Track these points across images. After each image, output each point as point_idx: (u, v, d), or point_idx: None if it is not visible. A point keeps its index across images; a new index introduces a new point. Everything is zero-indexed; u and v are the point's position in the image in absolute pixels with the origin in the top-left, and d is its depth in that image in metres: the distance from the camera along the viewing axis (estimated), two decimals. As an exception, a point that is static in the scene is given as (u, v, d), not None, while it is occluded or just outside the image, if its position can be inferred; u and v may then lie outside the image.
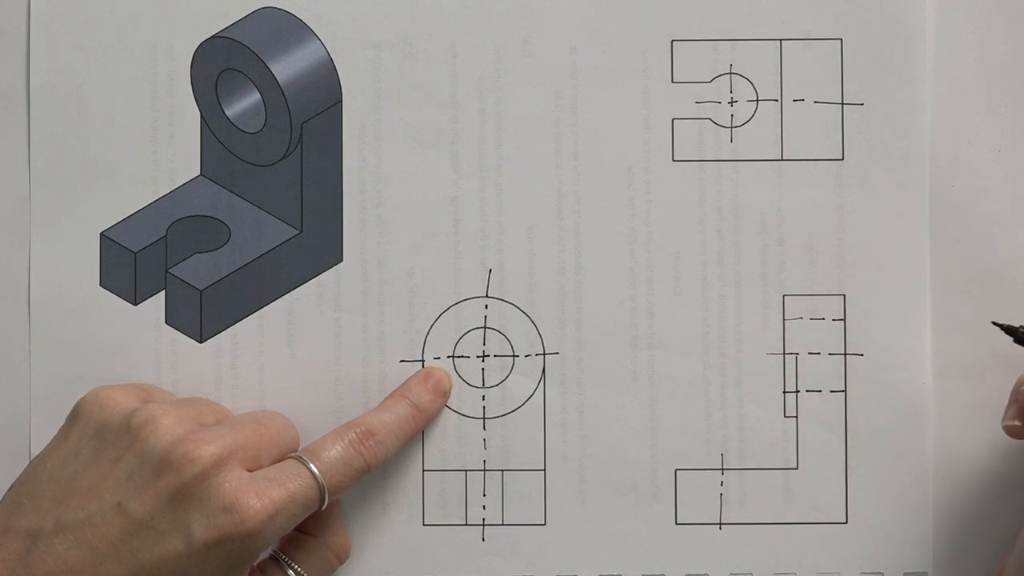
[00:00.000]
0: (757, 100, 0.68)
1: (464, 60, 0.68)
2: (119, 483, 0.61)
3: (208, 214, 0.68)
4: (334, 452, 0.64)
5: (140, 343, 0.68)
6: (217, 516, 0.60)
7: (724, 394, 0.68)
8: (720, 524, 0.68)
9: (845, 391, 0.68)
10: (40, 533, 0.61)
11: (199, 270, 0.68)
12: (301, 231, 0.68)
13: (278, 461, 0.63)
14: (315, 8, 0.68)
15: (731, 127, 0.68)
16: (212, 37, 0.68)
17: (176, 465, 0.60)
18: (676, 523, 0.68)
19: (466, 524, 0.68)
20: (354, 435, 0.64)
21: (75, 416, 0.63)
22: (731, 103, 0.68)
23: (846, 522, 0.68)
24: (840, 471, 0.68)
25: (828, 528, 0.68)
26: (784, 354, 0.68)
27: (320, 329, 0.68)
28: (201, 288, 0.68)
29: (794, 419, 0.68)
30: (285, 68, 0.68)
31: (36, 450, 0.67)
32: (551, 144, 0.68)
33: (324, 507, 0.63)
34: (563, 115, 0.68)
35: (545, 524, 0.68)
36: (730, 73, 0.68)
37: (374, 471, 0.65)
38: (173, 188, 0.68)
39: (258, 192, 0.68)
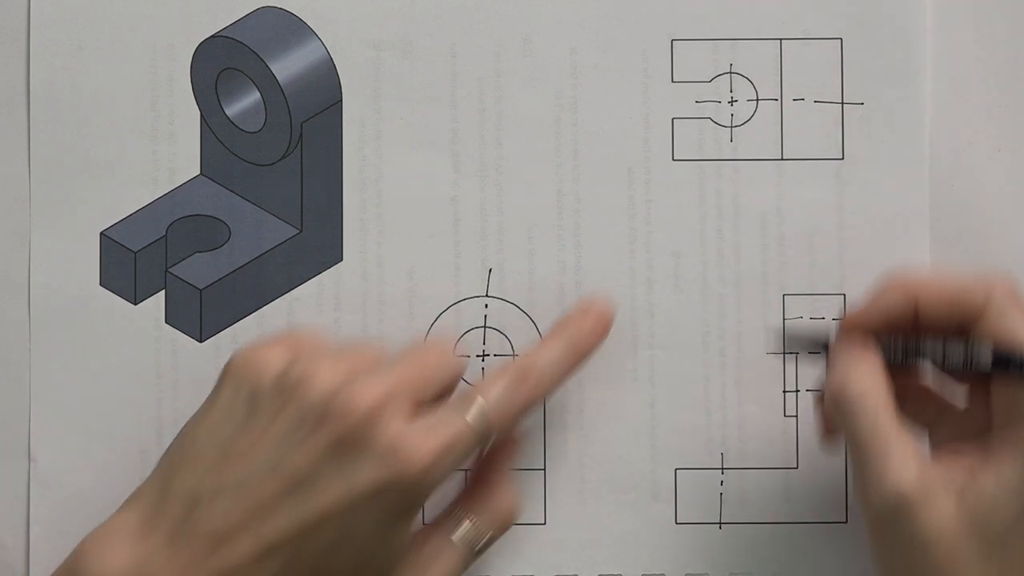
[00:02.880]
0: (757, 100, 0.68)
1: (464, 60, 0.68)
2: (277, 441, 0.60)
3: (208, 214, 0.68)
4: (496, 391, 0.62)
5: (140, 343, 0.68)
6: (380, 464, 0.59)
7: (724, 394, 0.68)
8: (720, 524, 0.68)
9: (845, 391, 0.68)
10: (199, 496, 0.60)
11: (199, 270, 0.68)
12: (301, 231, 0.68)
13: (442, 393, 0.62)
14: (315, 8, 0.68)
15: (731, 127, 0.68)
16: (212, 37, 0.68)
17: (334, 418, 0.59)
18: (676, 523, 0.68)
19: (466, 524, 0.68)
20: (515, 373, 0.63)
21: (225, 379, 0.62)
22: (731, 103, 0.68)
23: (846, 522, 0.68)
24: (840, 471, 0.68)
25: (828, 528, 0.68)
26: (784, 354, 0.68)
27: (320, 329, 0.68)
28: (201, 288, 0.68)
29: (794, 419, 0.68)
30: (285, 68, 0.68)
31: (36, 450, 0.67)
32: (551, 144, 0.68)
33: (487, 448, 0.62)
34: (563, 115, 0.68)
35: (545, 524, 0.68)
36: (730, 73, 0.68)
37: (536, 409, 0.64)
38: (173, 188, 0.68)
39: (258, 192, 0.68)
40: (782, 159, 0.68)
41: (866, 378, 0.61)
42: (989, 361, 0.59)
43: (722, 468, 0.68)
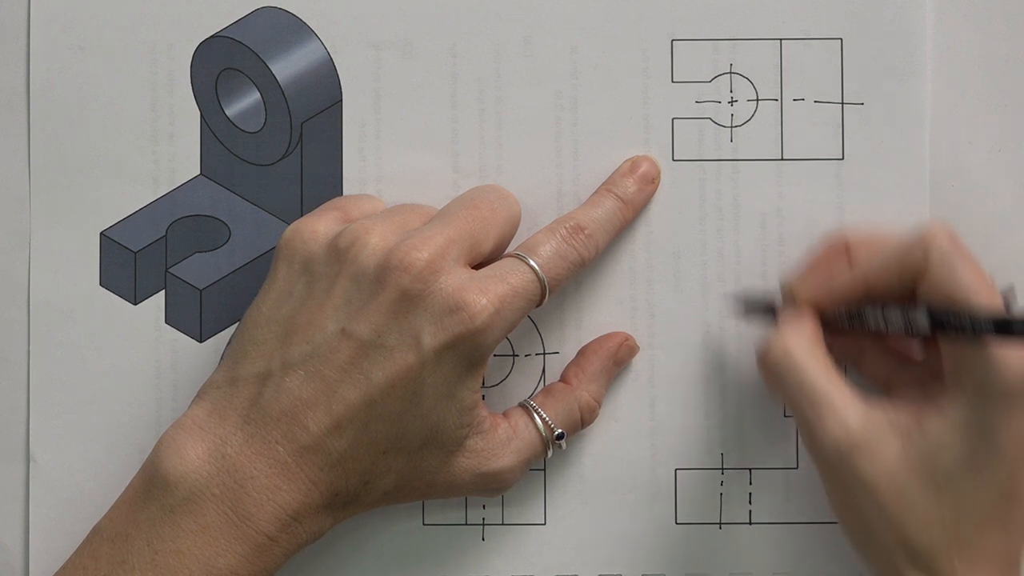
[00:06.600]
0: (757, 100, 0.68)
1: (464, 60, 0.68)
2: (338, 309, 0.60)
3: (208, 214, 0.68)
4: (549, 247, 0.63)
5: (140, 343, 0.68)
6: (443, 319, 0.59)
7: (724, 394, 0.68)
8: (720, 524, 0.68)
9: (845, 391, 0.68)
10: (268, 375, 0.60)
11: (199, 270, 0.68)
12: (301, 231, 0.68)
13: (502, 239, 0.63)
14: (315, 8, 0.68)
15: (731, 127, 0.68)
16: (212, 37, 0.68)
17: (392, 278, 0.59)
18: (676, 523, 0.68)
19: (466, 524, 0.68)
20: (565, 230, 0.63)
21: (279, 256, 0.63)
22: (731, 103, 0.68)
23: (846, 522, 0.68)
24: (840, 471, 0.68)
25: (828, 528, 0.68)
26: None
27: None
28: (201, 288, 0.68)
29: (794, 419, 0.68)
30: (285, 68, 0.68)
31: (36, 450, 0.67)
32: (551, 144, 0.68)
33: (545, 302, 0.62)
34: (563, 115, 0.68)
35: (545, 524, 0.68)
36: (730, 73, 0.68)
37: (588, 265, 0.64)
38: (173, 188, 0.68)
39: (258, 192, 0.68)
40: (782, 159, 0.68)
41: (790, 339, 0.62)
42: (927, 325, 0.60)
43: (722, 468, 0.68)
